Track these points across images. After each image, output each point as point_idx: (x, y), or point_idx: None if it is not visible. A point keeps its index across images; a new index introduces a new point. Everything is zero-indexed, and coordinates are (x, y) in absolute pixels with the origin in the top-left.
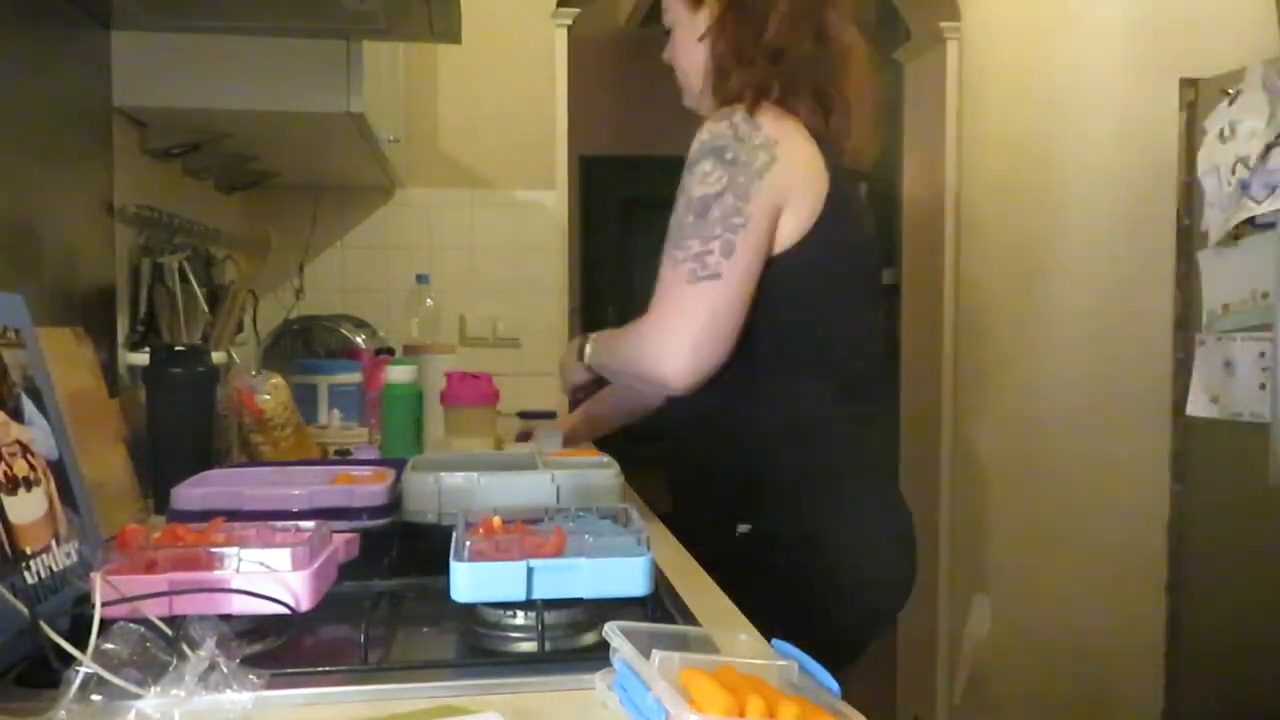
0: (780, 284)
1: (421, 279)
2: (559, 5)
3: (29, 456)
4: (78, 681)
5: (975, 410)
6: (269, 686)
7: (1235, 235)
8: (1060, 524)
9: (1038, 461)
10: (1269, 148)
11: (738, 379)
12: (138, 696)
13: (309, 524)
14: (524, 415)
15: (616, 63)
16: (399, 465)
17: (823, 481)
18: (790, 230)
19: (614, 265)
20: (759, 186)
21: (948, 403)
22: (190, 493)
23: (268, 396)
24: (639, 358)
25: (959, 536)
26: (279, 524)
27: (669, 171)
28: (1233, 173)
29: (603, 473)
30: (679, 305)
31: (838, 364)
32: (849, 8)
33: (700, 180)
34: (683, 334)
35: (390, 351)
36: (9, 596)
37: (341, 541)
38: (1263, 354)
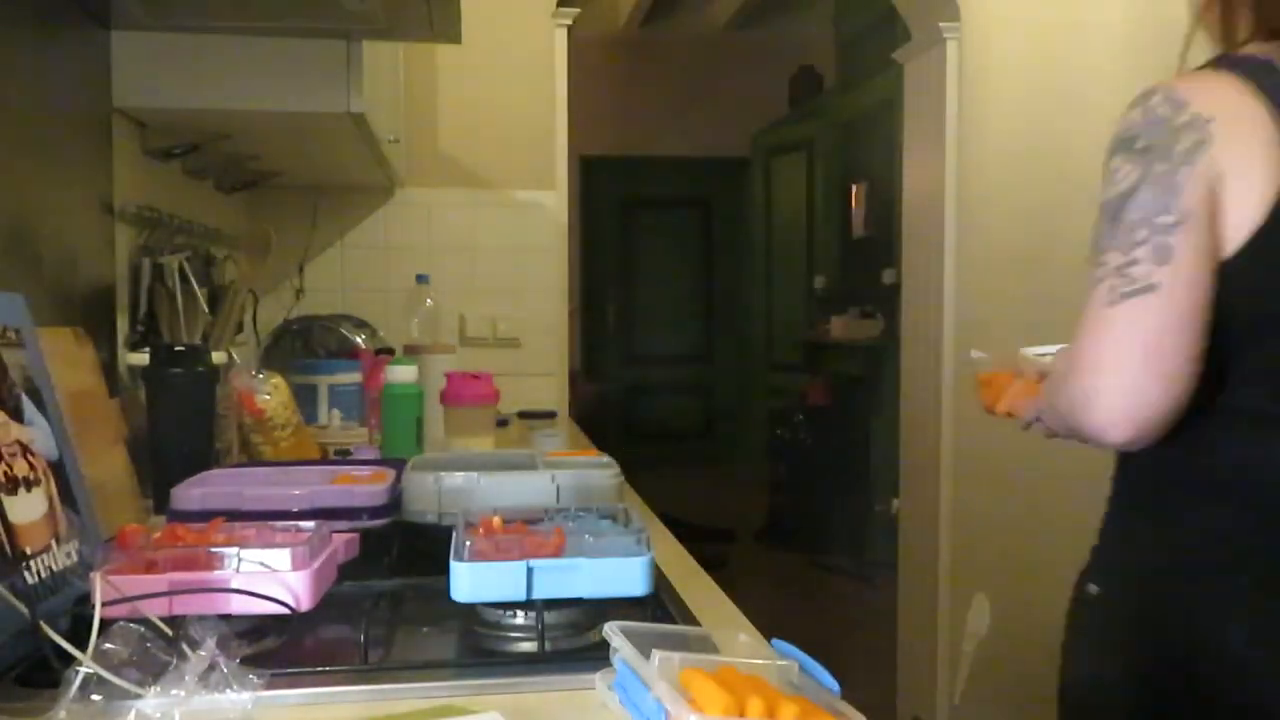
0: (1238, 299)
1: (421, 279)
2: (559, 5)
3: (29, 456)
4: (78, 681)
5: (975, 409)
6: (269, 686)
7: None
8: (1061, 523)
9: (1038, 460)
10: None
11: (1198, 427)
12: (138, 696)
13: (309, 524)
14: (524, 415)
15: (616, 63)
16: (399, 465)
17: None
18: (1239, 225)
19: (614, 265)
20: (1188, 174)
21: (948, 402)
22: (190, 493)
23: (268, 396)
24: (1066, 406)
25: (959, 535)
26: (279, 524)
27: (669, 171)
28: None
29: (603, 473)
30: (1101, 333)
31: None
32: None
33: (1109, 181)
34: (1110, 370)
35: (390, 351)
36: (9, 596)
37: (341, 541)
38: None
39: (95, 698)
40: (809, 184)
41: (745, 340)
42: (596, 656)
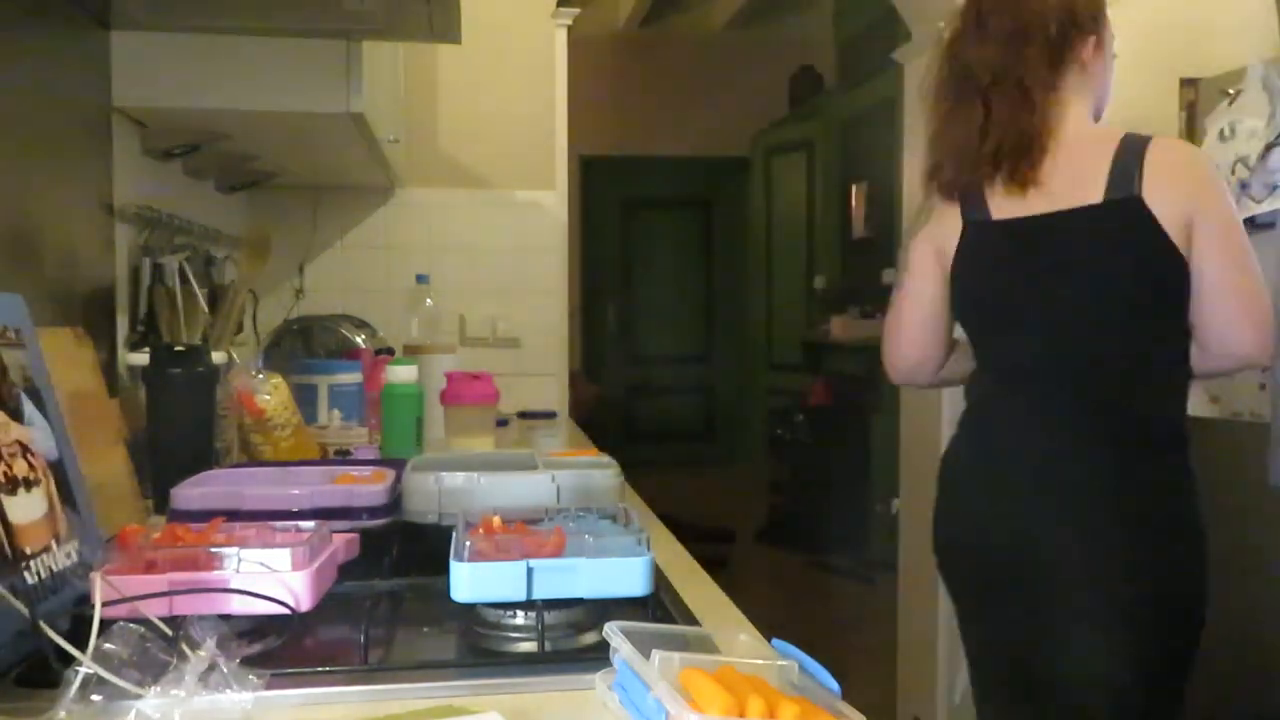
0: None
1: (421, 279)
2: (559, 5)
3: (29, 456)
4: (78, 681)
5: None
6: (269, 686)
7: None
8: None
9: None
10: (1269, 148)
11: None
12: (138, 696)
13: (309, 524)
14: (524, 415)
15: (616, 63)
16: (399, 465)
17: None
18: None
19: (614, 265)
20: None
21: (948, 401)
22: (190, 493)
23: (268, 396)
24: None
25: None
26: (279, 524)
27: (669, 171)
28: (1233, 173)
29: (603, 473)
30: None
31: None
32: None
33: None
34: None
35: (390, 351)
36: (9, 596)
37: (341, 541)
38: None
39: (95, 698)
40: (809, 184)
41: (745, 340)
42: (596, 656)
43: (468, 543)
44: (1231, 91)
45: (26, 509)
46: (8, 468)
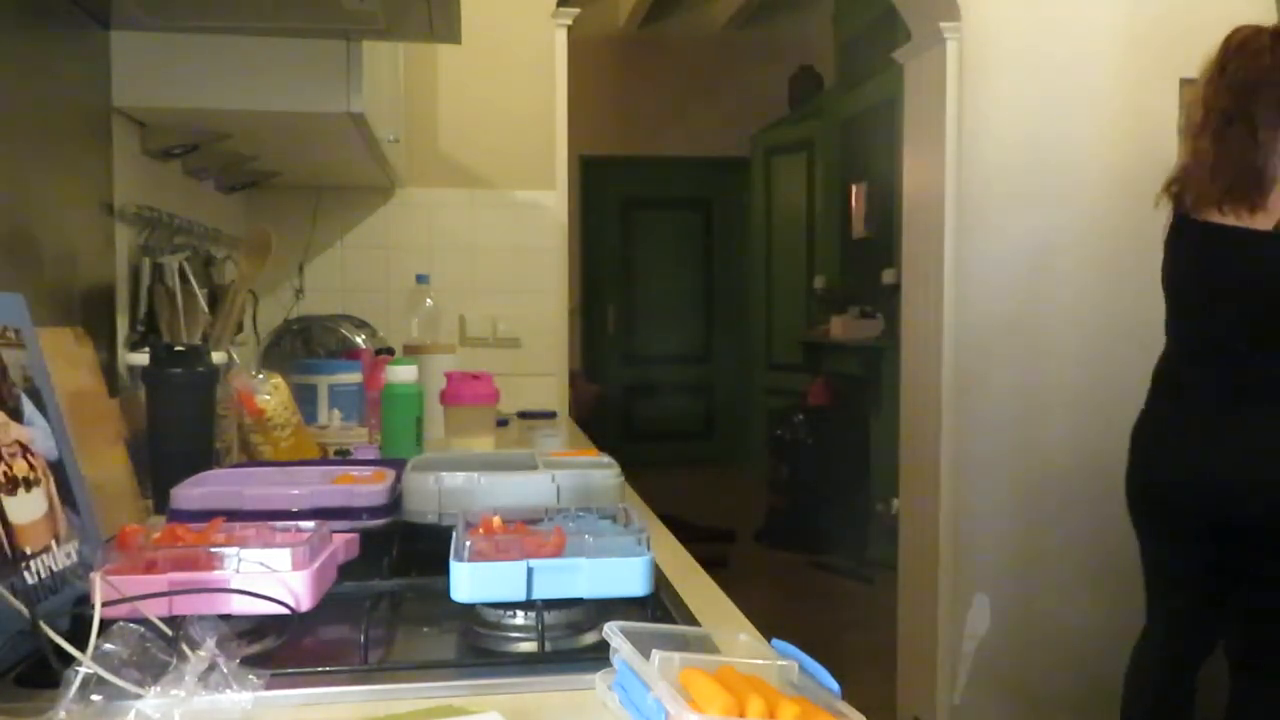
0: None
1: (421, 279)
2: (559, 5)
3: (29, 456)
4: (78, 681)
5: (975, 409)
6: (269, 686)
7: None
8: (1060, 523)
9: (1038, 460)
10: None
11: None
12: (138, 696)
13: (309, 524)
14: (524, 415)
15: (616, 63)
16: (399, 465)
17: None
18: None
19: (614, 265)
20: None
21: (948, 402)
22: (190, 493)
23: (268, 396)
24: None
25: (959, 536)
26: (279, 524)
27: (669, 171)
28: None
29: (603, 473)
30: None
31: None
32: None
33: None
34: None
35: (390, 351)
36: (9, 596)
37: (341, 541)
38: None
39: (95, 698)
40: (809, 184)
41: (745, 340)
42: (596, 656)
43: (468, 543)
44: None
45: (26, 509)
46: (8, 468)
